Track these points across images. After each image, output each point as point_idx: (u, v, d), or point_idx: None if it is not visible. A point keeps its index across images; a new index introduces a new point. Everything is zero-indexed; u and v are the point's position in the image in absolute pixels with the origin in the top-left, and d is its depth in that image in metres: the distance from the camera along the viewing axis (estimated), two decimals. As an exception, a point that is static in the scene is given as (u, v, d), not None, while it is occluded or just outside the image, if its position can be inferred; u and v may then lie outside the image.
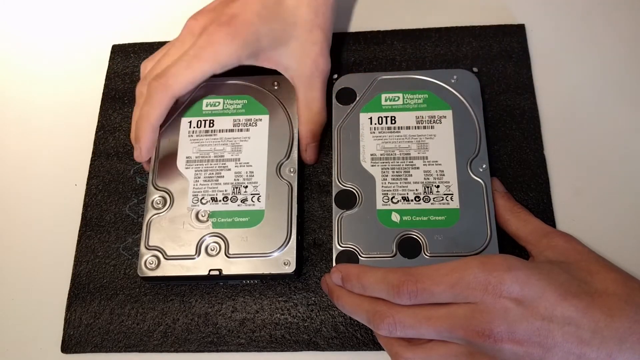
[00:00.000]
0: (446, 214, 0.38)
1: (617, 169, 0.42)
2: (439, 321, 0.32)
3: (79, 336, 0.40)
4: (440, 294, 0.32)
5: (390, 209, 0.39)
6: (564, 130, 0.43)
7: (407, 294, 0.33)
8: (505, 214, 0.38)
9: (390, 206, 0.39)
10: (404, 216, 0.39)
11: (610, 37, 0.46)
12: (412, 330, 0.33)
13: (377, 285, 0.34)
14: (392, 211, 0.39)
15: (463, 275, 0.32)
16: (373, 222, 0.39)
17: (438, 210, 0.39)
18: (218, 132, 0.42)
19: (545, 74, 0.45)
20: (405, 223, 0.38)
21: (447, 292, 0.32)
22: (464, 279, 0.32)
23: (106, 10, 0.53)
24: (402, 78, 0.43)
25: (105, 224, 0.43)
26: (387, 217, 0.39)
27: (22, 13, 0.54)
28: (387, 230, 0.38)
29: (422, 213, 0.39)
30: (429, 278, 0.33)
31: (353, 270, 0.35)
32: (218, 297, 0.40)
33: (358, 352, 0.38)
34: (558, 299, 0.31)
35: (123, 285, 0.41)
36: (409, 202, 0.39)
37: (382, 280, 0.34)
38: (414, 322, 0.33)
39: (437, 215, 0.38)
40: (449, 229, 0.38)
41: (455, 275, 0.32)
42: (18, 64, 0.51)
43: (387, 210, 0.39)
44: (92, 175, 0.45)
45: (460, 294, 0.32)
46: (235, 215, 0.39)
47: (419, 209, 0.39)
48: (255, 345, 0.39)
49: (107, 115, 0.47)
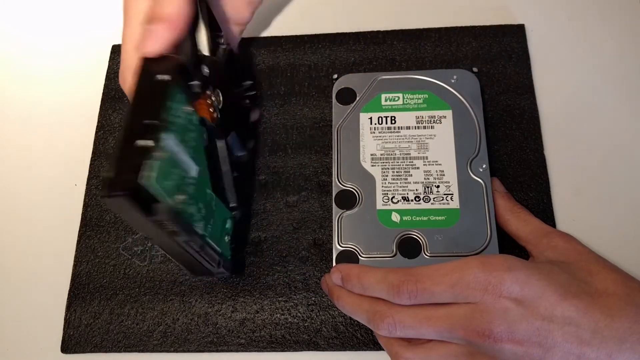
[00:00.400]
0: (446, 214, 0.38)
1: (617, 169, 0.42)
2: (439, 321, 0.32)
3: (79, 336, 0.40)
4: (440, 293, 0.32)
5: (391, 209, 0.39)
6: (564, 130, 0.43)
7: (407, 294, 0.33)
8: (505, 214, 0.38)
9: (390, 206, 0.39)
10: (404, 216, 0.39)
11: (610, 37, 0.46)
12: (412, 330, 0.33)
13: (377, 285, 0.34)
14: (392, 211, 0.39)
15: (463, 275, 0.32)
16: (373, 222, 0.39)
17: (438, 210, 0.39)
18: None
19: (545, 74, 0.45)
20: (405, 223, 0.38)
21: (447, 292, 0.32)
22: (464, 279, 0.32)
23: (106, 10, 0.53)
24: (402, 78, 0.43)
25: (105, 224, 0.43)
26: (387, 217, 0.39)
27: (22, 13, 0.54)
28: (387, 230, 0.38)
29: (422, 213, 0.39)
30: (429, 278, 0.33)
31: (353, 270, 0.35)
32: (218, 297, 0.40)
33: (358, 352, 0.38)
34: (558, 299, 0.31)
35: (123, 285, 0.41)
36: (409, 202, 0.39)
37: (382, 280, 0.34)
38: (413, 322, 0.33)
39: (437, 215, 0.39)
40: (449, 229, 0.38)
41: (455, 275, 0.32)
42: (18, 64, 0.51)
43: (387, 210, 0.39)
44: (92, 176, 0.45)
45: (461, 294, 0.32)
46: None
47: (419, 209, 0.39)
48: (255, 345, 0.39)
49: (107, 115, 0.47)
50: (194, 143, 0.34)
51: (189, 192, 0.33)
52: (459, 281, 0.32)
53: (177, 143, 0.31)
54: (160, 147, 0.30)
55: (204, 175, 0.35)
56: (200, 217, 0.34)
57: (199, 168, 0.34)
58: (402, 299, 0.33)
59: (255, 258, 0.41)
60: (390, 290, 0.33)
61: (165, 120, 0.31)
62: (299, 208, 0.42)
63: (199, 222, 0.34)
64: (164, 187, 0.30)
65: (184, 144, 0.32)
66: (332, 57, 0.47)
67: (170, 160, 0.31)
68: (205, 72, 0.37)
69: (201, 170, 0.35)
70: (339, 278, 0.36)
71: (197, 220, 0.34)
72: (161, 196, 0.30)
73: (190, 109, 0.34)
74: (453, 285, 0.32)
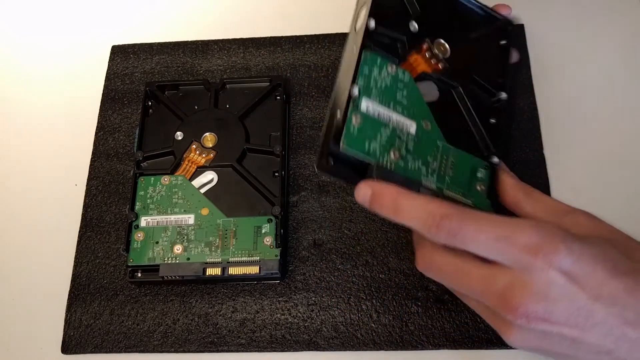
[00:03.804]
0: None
1: (617, 169, 0.42)
2: (473, 282, 0.29)
3: (79, 337, 0.40)
4: (482, 243, 0.29)
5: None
6: (563, 130, 0.43)
7: (446, 230, 0.29)
8: (517, 193, 0.33)
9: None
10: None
11: (609, 37, 0.46)
12: (444, 278, 0.30)
13: (415, 210, 0.30)
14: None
15: (514, 232, 0.28)
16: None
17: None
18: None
19: (544, 74, 0.45)
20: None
21: (491, 244, 0.28)
22: (514, 236, 0.28)
23: (106, 11, 0.53)
24: None
25: (106, 225, 0.43)
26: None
27: (22, 13, 0.54)
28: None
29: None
30: (475, 221, 0.29)
31: (388, 189, 0.31)
32: (218, 298, 0.40)
33: (358, 352, 0.38)
34: (607, 276, 0.28)
35: (123, 285, 0.41)
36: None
37: (422, 206, 0.30)
38: (448, 269, 0.30)
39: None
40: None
41: (505, 228, 0.28)
42: (18, 64, 0.51)
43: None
44: (92, 176, 0.45)
45: (506, 252, 0.28)
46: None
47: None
48: (255, 346, 0.39)
49: (107, 115, 0.47)
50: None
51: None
52: (507, 237, 0.28)
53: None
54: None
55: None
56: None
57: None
58: (439, 235, 0.29)
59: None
60: (429, 220, 0.29)
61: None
62: (299, 208, 0.43)
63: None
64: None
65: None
66: (332, 57, 0.47)
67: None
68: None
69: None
70: (367, 195, 0.32)
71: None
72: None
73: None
74: (499, 239, 0.28)
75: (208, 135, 0.43)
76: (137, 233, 0.40)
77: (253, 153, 0.43)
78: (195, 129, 0.44)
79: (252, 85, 0.45)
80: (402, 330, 0.38)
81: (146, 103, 0.45)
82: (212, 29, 0.50)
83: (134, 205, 0.41)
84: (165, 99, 0.45)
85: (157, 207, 0.41)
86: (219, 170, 0.42)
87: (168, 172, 0.42)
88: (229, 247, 0.39)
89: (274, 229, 0.40)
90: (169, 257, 0.39)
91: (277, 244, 0.39)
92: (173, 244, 0.40)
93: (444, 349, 0.38)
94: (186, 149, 0.43)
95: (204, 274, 0.39)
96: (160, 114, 0.45)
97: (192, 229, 0.40)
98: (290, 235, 0.42)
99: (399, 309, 0.39)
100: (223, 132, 0.43)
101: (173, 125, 0.44)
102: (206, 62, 0.49)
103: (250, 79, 0.46)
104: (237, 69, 0.48)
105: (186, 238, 0.40)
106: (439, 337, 0.38)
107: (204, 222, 0.40)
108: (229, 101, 0.45)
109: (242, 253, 0.39)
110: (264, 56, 0.48)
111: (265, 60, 0.48)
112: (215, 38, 0.50)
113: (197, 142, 0.43)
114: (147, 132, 0.44)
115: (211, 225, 0.40)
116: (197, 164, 0.42)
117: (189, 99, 0.45)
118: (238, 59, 0.49)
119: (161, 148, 0.43)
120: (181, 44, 0.50)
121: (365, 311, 0.39)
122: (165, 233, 0.40)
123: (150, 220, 0.41)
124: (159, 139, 0.44)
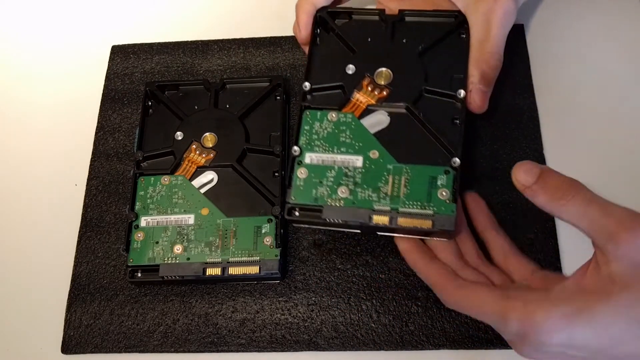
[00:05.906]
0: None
1: (617, 169, 0.42)
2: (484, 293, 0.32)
3: (79, 337, 0.40)
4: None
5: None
6: (563, 130, 0.43)
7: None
8: (563, 195, 0.32)
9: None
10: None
11: (609, 37, 0.46)
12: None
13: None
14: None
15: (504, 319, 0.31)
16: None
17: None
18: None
19: (544, 74, 0.45)
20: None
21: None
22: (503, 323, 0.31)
23: (106, 11, 0.53)
24: None
25: (106, 225, 0.43)
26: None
27: (22, 13, 0.54)
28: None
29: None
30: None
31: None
32: (218, 298, 0.40)
33: (358, 352, 0.38)
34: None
35: (123, 285, 0.41)
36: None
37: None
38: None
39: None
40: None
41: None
42: (18, 64, 0.51)
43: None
44: (92, 176, 0.45)
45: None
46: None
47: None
48: (255, 346, 0.39)
49: (107, 116, 0.47)
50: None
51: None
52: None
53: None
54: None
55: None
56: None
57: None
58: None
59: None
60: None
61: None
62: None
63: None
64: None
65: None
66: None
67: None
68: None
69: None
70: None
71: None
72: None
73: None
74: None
75: (208, 135, 0.43)
76: (137, 233, 0.40)
77: (253, 153, 0.43)
78: (195, 129, 0.43)
79: (252, 85, 0.45)
80: (402, 330, 0.38)
81: (146, 103, 0.45)
82: (212, 29, 0.50)
83: (134, 205, 0.41)
84: (165, 99, 0.45)
85: (157, 207, 0.41)
86: (219, 170, 0.42)
87: (168, 172, 0.42)
88: (229, 247, 0.39)
89: (274, 229, 0.40)
90: (169, 257, 0.40)
91: (277, 244, 0.39)
92: (173, 244, 0.40)
93: (444, 349, 0.38)
94: (186, 149, 0.43)
95: (204, 274, 0.39)
96: (160, 114, 0.45)
97: (192, 229, 0.40)
98: (290, 235, 0.42)
99: (399, 309, 0.39)
100: (223, 132, 0.43)
101: (173, 125, 0.44)
102: (206, 62, 0.49)
103: (250, 79, 0.46)
104: (237, 69, 0.48)
105: (186, 238, 0.40)
106: (439, 337, 0.38)
107: (204, 222, 0.40)
108: (229, 101, 0.45)
109: (242, 253, 0.39)
110: (264, 56, 0.48)
111: (265, 60, 0.48)
112: (215, 38, 0.50)
113: (197, 142, 0.43)
114: (147, 132, 0.44)
115: (211, 225, 0.40)
116: (197, 164, 0.42)
117: (189, 99, 0.45)
118: (238, 59, 0.49)
119: (161, 148, 0.43)
120: (181, 44, 0.50)
121: (365, 311, 0.39)
122: (165, 233, 0.40)
123: (150, 220, 0.41)
124: (159, 139, 0.44)
